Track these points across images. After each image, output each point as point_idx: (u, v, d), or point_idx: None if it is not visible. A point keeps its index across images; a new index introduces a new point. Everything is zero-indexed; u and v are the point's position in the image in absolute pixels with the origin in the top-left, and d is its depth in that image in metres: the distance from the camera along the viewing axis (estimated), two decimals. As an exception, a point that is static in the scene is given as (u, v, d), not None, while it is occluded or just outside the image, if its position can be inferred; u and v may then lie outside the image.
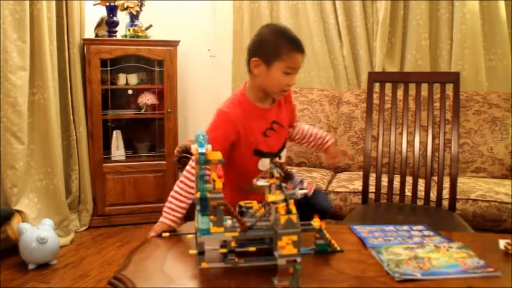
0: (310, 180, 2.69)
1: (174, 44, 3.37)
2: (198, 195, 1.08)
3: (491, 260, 1.23)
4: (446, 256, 1.23)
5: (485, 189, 2.52)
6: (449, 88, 2.74)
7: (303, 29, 3.49)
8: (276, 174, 1.12)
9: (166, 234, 1.36)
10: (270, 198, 1.04)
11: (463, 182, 2.64)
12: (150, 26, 3.43)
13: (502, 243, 1.34)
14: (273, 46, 1.57)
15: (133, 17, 3.41)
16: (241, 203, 1.29)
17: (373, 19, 3.37)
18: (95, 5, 3.31)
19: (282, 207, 1.00)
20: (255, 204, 1.25)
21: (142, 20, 3.45)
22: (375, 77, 2.16)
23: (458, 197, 2.28)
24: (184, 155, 2.57)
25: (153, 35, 3.42)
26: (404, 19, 3.33)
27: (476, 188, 2.54)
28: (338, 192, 2.59)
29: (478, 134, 2.97)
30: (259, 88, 1.65)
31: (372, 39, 3.36)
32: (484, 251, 1.31)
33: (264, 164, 1.63)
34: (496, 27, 3.13)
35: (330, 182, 2.78)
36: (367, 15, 3.38)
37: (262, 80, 1.61)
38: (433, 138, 2.15)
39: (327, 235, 1.25)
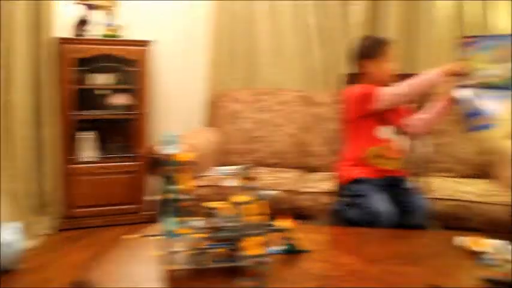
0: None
1: (148, 43, 3.35)
2: (166, 196, 1.09)
3: (451, 256, 1.26)
4: None
5: (454, 189, 2.57)
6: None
7: (279, 30, 3.50)
8: (246, 175, 1.13)
9: (134, 236, 1.36)
10: (238, 199, 1.06)
11: (432, 182, 2.69)
12: (124, 25, 3.40)
13: (459, 240, 1.39)
14: (376, 46, 2.03)
15: (107, 17, 3.37)
16: (211, 204, 1.30)
17: (349, 21, 3.40)
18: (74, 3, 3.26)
19: (250, 208, 1.02)
20: (223, 205, 1.26)
21: (118, 20, 3.41)
22: (348, 79, 2.19)
23: (428, 196, 2.31)
24: (156, 156, 2.56)
25: (129, 34, 3.39)
26: (382, 20, 3.36)
27: (445, 187, 2.59)
28: (309, 193, 2.61)
29: (447, 135, 3.02)
30: (373, 81, 1.99)
31: (347, 40, 3.38)
32: (445, 247, 1.35)
33: (386, 131, 1.99)
34: (470, 32, 3.18)
35: (301, 182, 2.80)
36: (343, 17, 3.41)
37: (375, 72, 2.00)
38: (405, 138, 2.18)
39: (295, 235, 1.27)
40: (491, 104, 1.73)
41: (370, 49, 2.03)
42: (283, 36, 3.50)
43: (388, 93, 1.89)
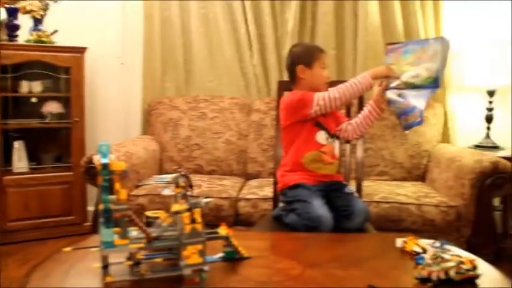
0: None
1: (81, 50, 3.25)
2: (102, 206, 1.06)
3: (389, 258, 1.30)
4: None
5: (387, 191, 2.66)
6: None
7: (213, 38, 3.50)
8: (182, 184, 1.11)
9: (68, 249, 1.30)
10: (174, 207, 1.04)
11: (367, 185, 2.77)
12: (56, 31, 3.28)
13: (399, 241, 1.43)
14: (309, 53, 2.06)
15: (37, 22, 3.24)
16: (148, 213, 1.27)
17: (282, 29, 3.45)
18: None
19: (186, 216, 1.00)
20: (162, 214, 1.24)
21: (47, 25, 3.29)
22: (284, 86, 2.22)
23: (363, 199, 2.39)
24: (92, 165, 2.49)
25: (59, 40, 3.28)
26: (312, 30, 3.44)
27: (380, 191, 2.68)
28: (248, 199, 2.62)
29: (381, 139, 3.14)
30: (308, 88, 2.02)
31: (281, 48, 3.44)
32: (383, 249, 1.39)
33: (322, 136, 2.01)
34: (394, 39, 3.32)
35: (240, 189, 2.81)
36: (276, 25, 3.46)
37: (309, 79, 2.03)
38: (340, 143, 2.24)
39: (234, 242, 1.26)
40: (416, 102, 1.84)
41: (303, 56, 2.05)
42: (217, 44, 3.51)
43: (321, 98, 1.92)
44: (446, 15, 3.36)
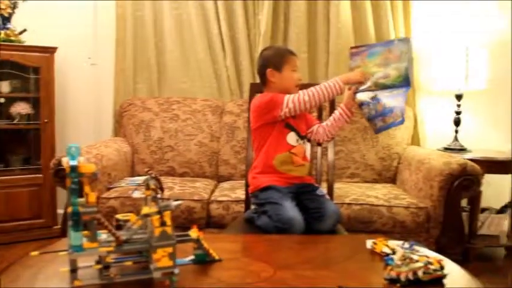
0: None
1: (51, 50, 3.20)
2: (70, 209, 1.04)
3: (360, 259, 1.31)
4: None
5: (358, 193, 2.70)
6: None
7: (186, 39, 3.49)
8: (152, 186, 1.10)
9: (35, 253, 1.28)
10: (144, 210, 1.03)
11: (338, 187, 2.80)
12: (25, 30, 3.22)
13: (369, 243, 1.45)
14: (279, 56, 2.04)
15: (5, 20, 3.17)
16: (119, 216, 1.26)
17: (255, 31, 3.47)
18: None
19: (156, 219, 1.00)
20: (132, 217, 1.22)
21: (16, 24, 3.23)
22: (257, 88, 2.22)
23: (334, 201, 2.41)
24: (61, 168, 2.45)
25: (28, 40, 3.22)
26: (284, 32, 3.46)
27: (351, 193, 2.71)
28: (220, 201, 2.62)
29: (352, 142, 3.17)
30: (278, 90, 2.02)
31: (254, 50, 3.45)
32: (354, 251, 1.40)
33: (292, 137, 2.01)
34: (366, 41, 3.37)
35: (212, 192, 2.80)
36: (249, 27, 3.47)
37: (279, 82, 2.03)
38: (312, 146, 2.26)
39: (205, 245, 1.26)
40: (394, 102, 1.86)
41: (273, 59, 2.04)
42: (190, 45, 3.50)
43: (291, 101, 1.93)
44: (416, 20, 3.43)
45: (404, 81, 1.83)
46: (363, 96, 1.96)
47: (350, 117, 2.05)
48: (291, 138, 2.02)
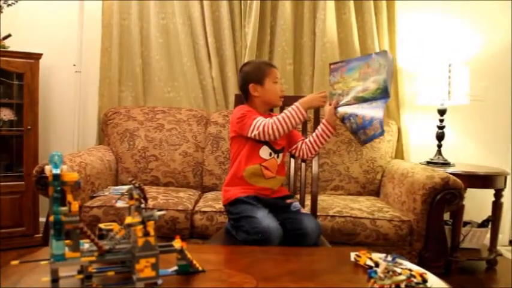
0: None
1: (36, 56, 3.18)
2: (52, 218, 1.03)
3: (343, 272, 1.31)
4: None
5: (342, 206, 2.71)
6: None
7: (172, 49, 3.49)
8: (136, 196, 1.10)
9: (16, 262, 1.26)
10: (127, 220, 1.03)
11: (322, 199, 2.81)
12: (9, 35, 3.20)
13: (353, 255, 1.45)
14: (259, 70, 2.07)
15: (-10, 26, 3.15)
16: (102, 225, 1.25)
17: (241, 43, 3.48)
18: None
19: (139, 229, 0.99)
20: (115, 227, 1.22)
21: (2, 30, 3.20)
22: (242, 99, 2.23)
23: (318, 213, 2.42)
24: (44, 175, 2.42)
25: (13, 45, 3.19)
26: (270, 44, 3.48)
27: (335, 205, 2.72)
28: (204, 212, 2.61)
29: (336, 154, 3.19)
30: (263, 104, 2.09)
31: (240, 62, 3.46)
32: (337, 263, 1.40)
33: (265, 151, 2.03)
34: (352, 56, 3.40)
35: (197, 202, 2.79)
36: (235, 39, 3.48)
37: (262, 96, 2.06)
38: (295, 158, 2.27)
39: (189, 255, 1.25)
40: (372, 113, 1.89)
41: (254, 74, 2.07)
42: (176, 55, 3.50)
43: (256, 128, 1.94)
44: (400, 36, 3.48)
45: (383, 93, 1.86)
46: (345, 110, 1.99)
47: (332, 132, 2.08)
48: (264, 151, 2.02)
